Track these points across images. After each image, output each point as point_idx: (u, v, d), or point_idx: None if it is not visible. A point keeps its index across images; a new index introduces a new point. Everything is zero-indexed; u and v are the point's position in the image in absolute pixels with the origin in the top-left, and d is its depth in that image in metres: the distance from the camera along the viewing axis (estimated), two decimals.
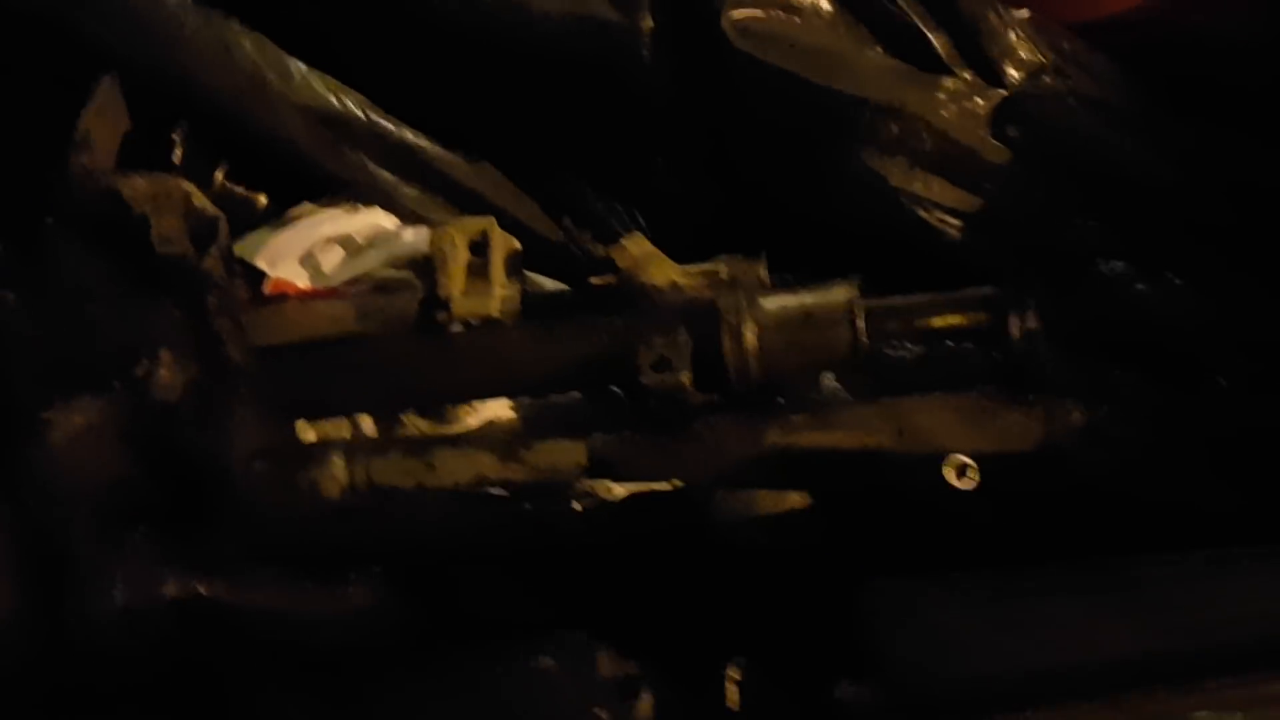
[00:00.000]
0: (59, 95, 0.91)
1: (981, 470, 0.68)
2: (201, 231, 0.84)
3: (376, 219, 0.91)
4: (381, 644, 0.75)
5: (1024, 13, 0.83)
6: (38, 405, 0.74)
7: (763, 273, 0.83)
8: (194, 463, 0.77)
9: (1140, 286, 0.78)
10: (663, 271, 0.83)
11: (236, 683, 0.73)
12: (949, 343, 0.80)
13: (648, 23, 0.81)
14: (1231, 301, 0.78)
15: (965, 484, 0.66)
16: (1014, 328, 0.72)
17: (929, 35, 0.81)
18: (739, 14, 0.80)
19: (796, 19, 0.80)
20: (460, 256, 0.83)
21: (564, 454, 0.75)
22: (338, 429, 0.86)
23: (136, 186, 0.83)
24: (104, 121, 0.90)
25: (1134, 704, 0.62)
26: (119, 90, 0.89)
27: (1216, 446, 0.72)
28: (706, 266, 0.84)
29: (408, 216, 0.91)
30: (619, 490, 0.83)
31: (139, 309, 0.80)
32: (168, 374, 0.77)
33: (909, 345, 0.83)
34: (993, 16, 0.81)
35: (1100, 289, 0.80)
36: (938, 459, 0.69)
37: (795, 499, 0.81)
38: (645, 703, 0.64)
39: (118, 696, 0.73)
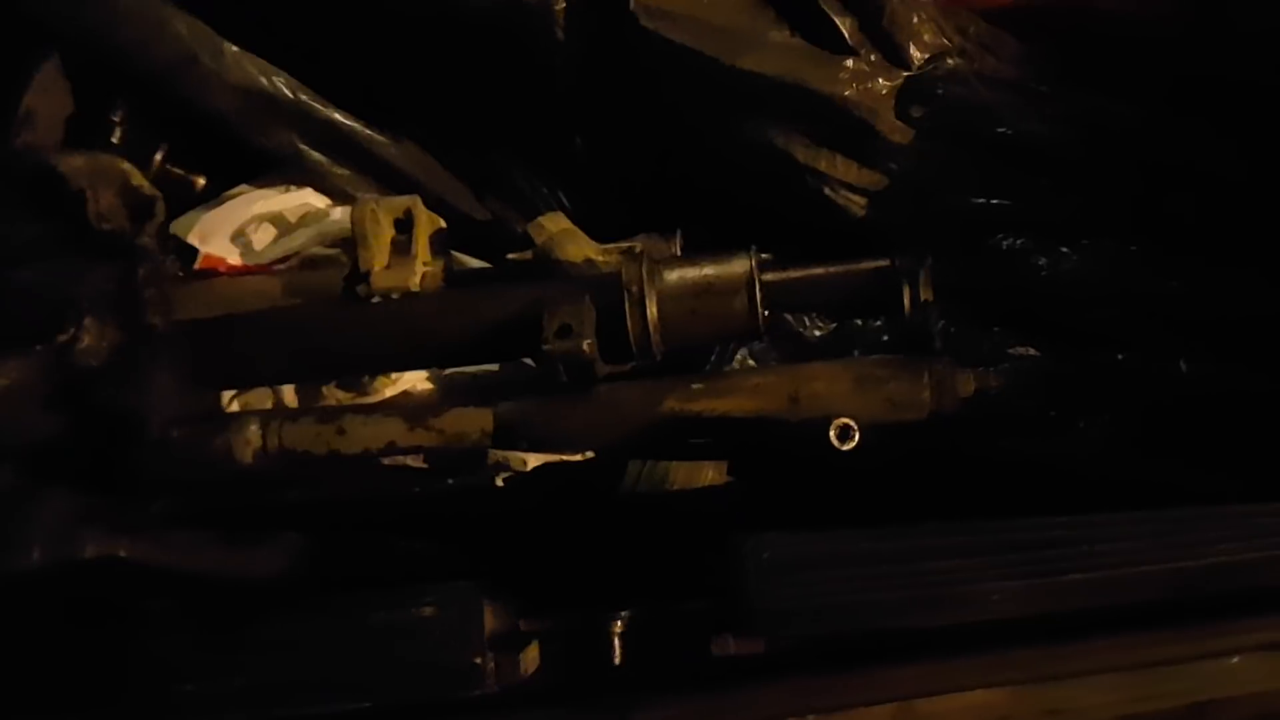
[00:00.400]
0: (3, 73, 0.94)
1: (870, 432, 0.70)
2: (139, 209, 0.87)
3: (307, 198, 0.94)
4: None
5: None
6: None
7: (677, 248, 0.85)
8: (114, 426, 0.79)
9: (1037, 257, 0.80)
10: (578, 248, 0.85)
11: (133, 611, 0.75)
12: (849, 312, 0.83)
13: (561, 3, 0.83)
14: (1123, 271, 0.79)
15: (848, 445, 0.68)
16: (906, 298, 0.74)
17: (834, 18, 0.83)
18: None
19: (704, 1, 0.83)
20: (384, 233, 0.85)
21: (470, 420, 0.76)
22: (260, 399, 0.89)
23: (74, 164, 0.85)
24: (46, 99, 0.93)
25: (1004, 663, 0.64)
26: (61, 70, 0.93)
27: (1105, 413, 0.74)
28: (624, 244, 0.86)
29: (338, 196, 0.94)
30: (531, 460, 0.85)
31: (68, 277, 0.82)
32: (91, 339, 0.79)
33: (810, 317, 0.86)
34: (896, 1, 0.83)
35: (998, 260, 0.81)
36: (824, 422, 0.70)
37: (705, 476, 0.83)
38: (530, 654, 0.65)
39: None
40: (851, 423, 0.68)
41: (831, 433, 0.68)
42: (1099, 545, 0.66)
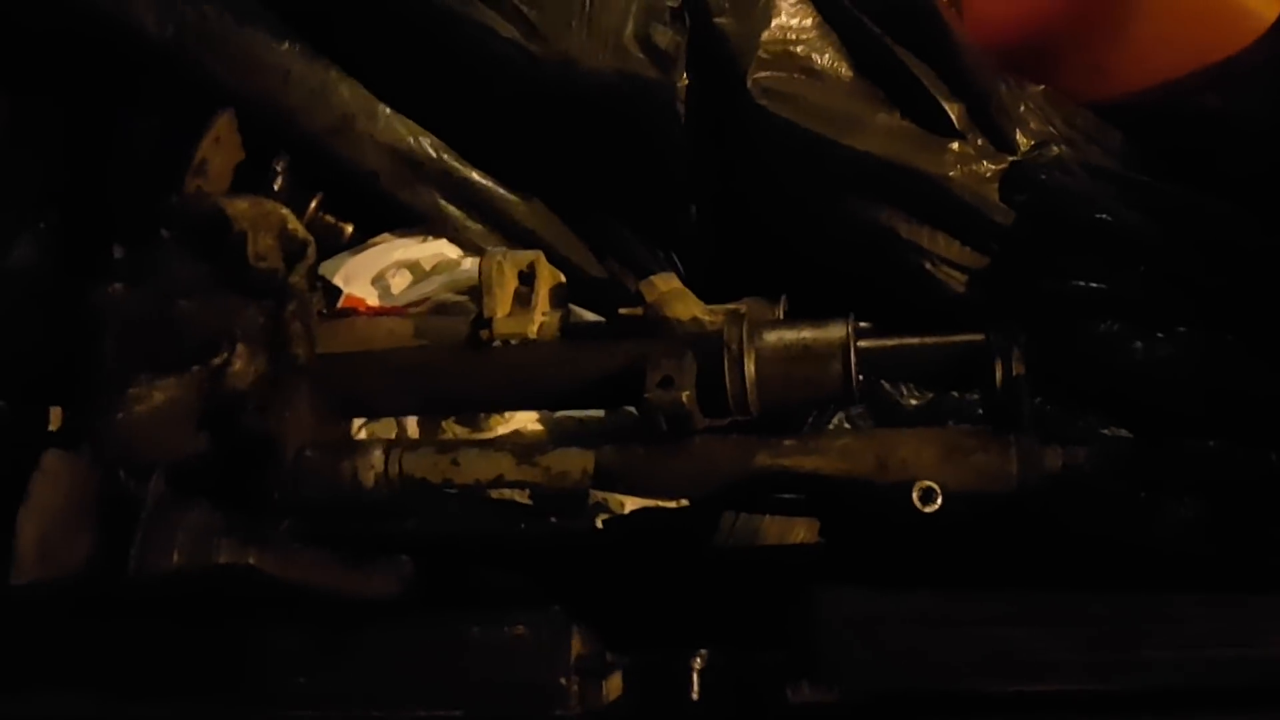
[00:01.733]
0: (179, 125, 1.04)
1: (954, 500, 0.72)
2: (293, 251, 0.95)
3: (442, 249, 1.01)
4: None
5: (1039, 87, 0.88)
6: (128, 381, 0.85)
7: (780, 313, 0.89)
8: (255, 446, 0.86)
9: (1131, 342, 0.82)
10: (686, 306, 0.90)
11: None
12: (941, 383, 0.85)
13: (683, 81, 0.89)
14: (1213, 357, 0.80)
15: (930, 507, 0.71)
16: (998, 372, 0.77)
17: (944, 104, 0.87)
18: (762, 75, 0.87)
19: (817, 82, 0.88)
20: (508, 283, 0.92)
21: (574, 461, 0.82)
22: (386, 429, 0.96)
23: (239, 207, 0.95)
24: (219, 149, 1.03)
25: None
26: (235, 124, 1.03)
27: (1189, 495, 0.75)
28: (730, 306, 0.91)
29: (470, 248, 1.01)
30: (629, 504, 0.90)
31: (225, 308, 0.91)
32: (241, 365, 0.87)
33: (907, 386, 0.89)
34: (1004, 90, 0.86)
35: (1093, 343, 0.83)
36: (908, 485, 0.73)
37: (797, 534, 0.86)
38: (613, 682, 0.69)
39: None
40: (934, 485, 0.71)
41: (914, 494, 0.71)
42: (1176, 625, 0.67)
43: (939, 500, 0.71)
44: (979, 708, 0.66)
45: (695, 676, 0.69)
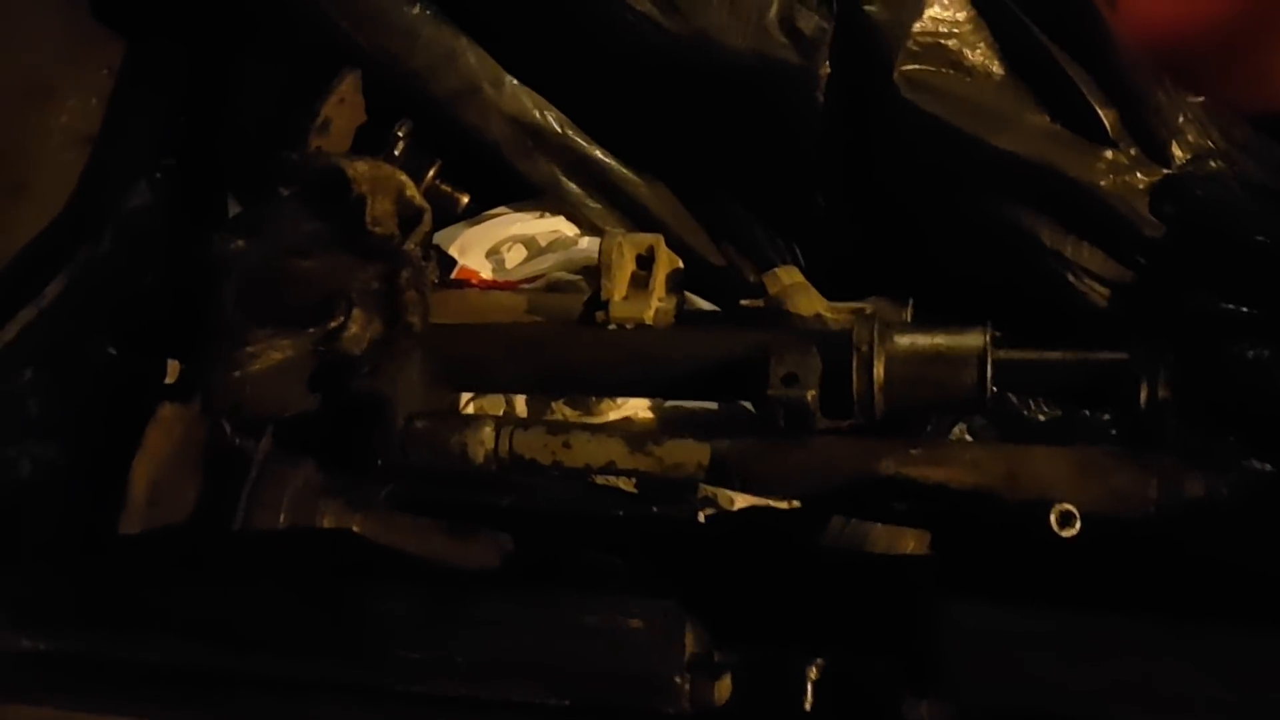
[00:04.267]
0: (302, 84, 1.04)
1: (1087, 522, 0.69)
2: (409, 218, 0.94)
3: (559, 225, 1.00)
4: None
5: (1197, 98, 0.84)
6: (245, 336, 0.85)
7: (908, 315, 0.86)
8: (365, 410, 0.86)
9: (1277, 368, 0.78)
10: (810, 302, 0.87)
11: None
12: (1076, 400, 0.82)
13: (825, 69, 0.86)
14: None
15: (1068, 532, 0.68)
16: (1143, 394, 0.74)
17: (1098, 109, 0.83)
18: (911, 67, 0.84)
19: (967, 77, 0.84)
20: (626, 265, 0.90)
21: (688, 452, 0.80)
22: (494, 405, 0.95)
23: (360, 170, 0.94)
24: (343, 110, 1.02)
25: None
26: (360, 86, 1.02)
27: None
28: (854, 304, 0.88)
29: (587, 227, 1.00)
30: (739, 500, 0.88)
31: (341, 270, 0.90)
32: (356, 329, 0.87)
33: (1036, 400, 0.85)
34: (1163, 97, 0.82)
35: (1241, 368, 0.79)
36: (1043, 505, 0.70)
37: (907, 543, 0.84)
38: (724, 683, 0.67)
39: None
40: (1073, 509, 0.68)
41: (1052, 517, 0.68)
42: None
43: (1078, 525, 0.68)
44: None
45: (809, 685, 0.68)
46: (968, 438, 0.87)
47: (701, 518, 0.86)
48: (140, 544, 0.80)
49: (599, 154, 0.97)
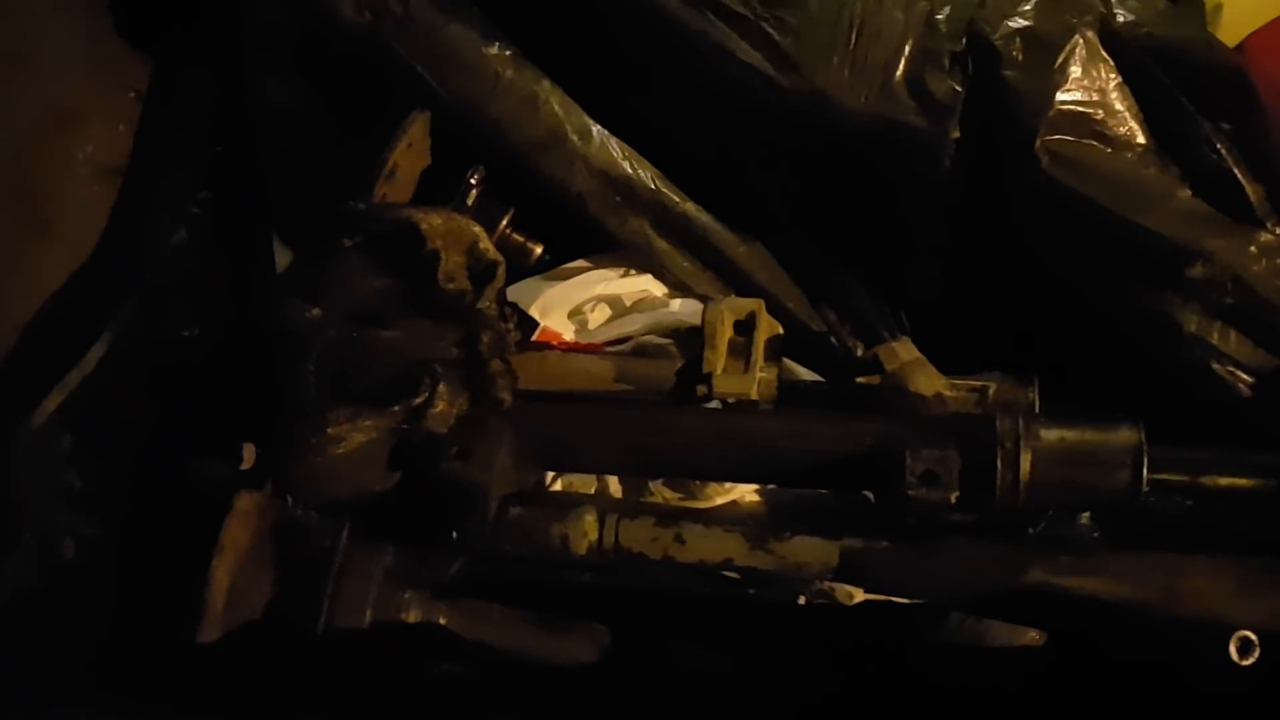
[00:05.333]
0: (360, 124, 0.97)
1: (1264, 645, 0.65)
2: (481, 272, 0.88)
3: (646, 285, 0.94)
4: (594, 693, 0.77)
5: None
6: (325, 416, 0.78)
7: (1034, 396, 0.81)
8: (454, 496, 0.79)
9: None
10: (929, 380, 0.82)
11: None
12: (1225, 503, 0.78)
13: (955, 133, 0.81)
14: None
15: (1247, 661, 0.63)
16: None
17: (1244, 184, 0.79)
18: (1053, 138, 0.79)
19: (1109, 150, 0.79)
20: (727, 333, 0.85)
21: (815, 551, 0.74)
22: (585, 484, 0.89)
23: (434, 223, 0.87)
24: (411, 157, 0.95)
25: None
26: (428, 129, 0.95)
27: None
28: (975, 381, 0.83)
29: (676, 286, 0.94)
30: (857, 596, 0.83)
31: (421, 340, 0.84)
32: (443, 406, 0.80)
33: (1179, 498, 0.81)
34: None
35: None
36: (1213, 626, 0.66)
37: (1027, 637, 0.79)
38: None
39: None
40: (1254, 637, 0.64)
41: (1231, 645, 0.64)
42: None
43: (1258, 653, 0.63)
44: None
45: None
46: (1088, 524, 0.82)
47: (822, 612, 0.81)
48: (219, 654, 0.73)
49: (691, 209, 0.91)
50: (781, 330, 0.86)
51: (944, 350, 0.85)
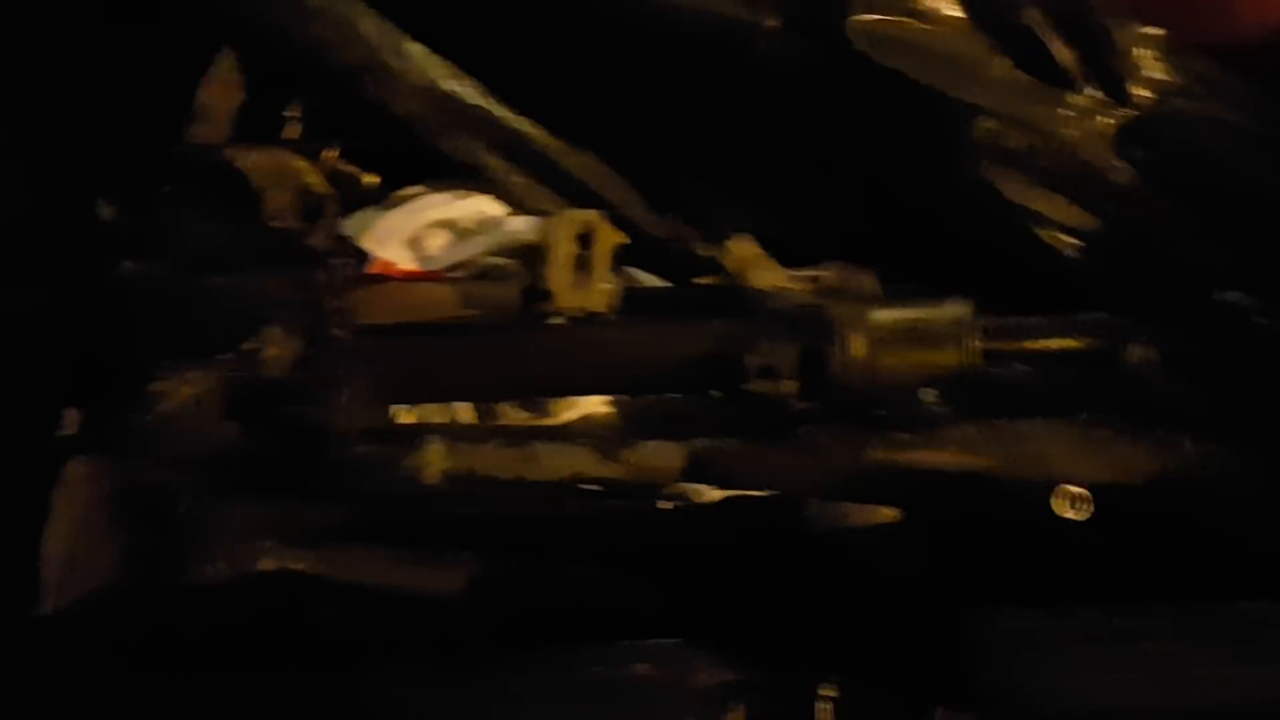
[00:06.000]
0: (175, 63, 0.92)
1: (1093, 498, 0.67)
2: (312, 208, 0.85)
3: (483, 205, 0.91)
4: (473, 626, 0.77)
5: (1157, 31, 0.80)
6: (149, 373, 0.75)
7: (873, 281, 0.82)
8: (297, 440, 0.78)
9: (1263, 317, 0.76)
10: (770, 275, 0.82)
11: (333, 650, 0.75)
12: (1057, 364, 0.79)
13: (772, 21, 0.80)
14: None
15: (1077, 516, 0.65)
16: (1132, 356, 0.71)
17: (1058, 50, 0.79)
18: (865, 18, 0.78)
19: (924, 26, 0.79)
20: (566, 248, 0.83)
21: (663, 456, 0.74)
22: (435, 413, 0.87)
23: (254, 161, 0.84)
24: (222, 94, 0.91)
25: None
26: (238, 65, 0.91)
27: None
28: (815, 272, 0.83)
29: (514, 204, 0.92)
30: (714, 494, 0.83)
31: (251, 283, 0.81)
32: (275, 350, 0.78)
33: (1017, 365, 0.82)
34: (1124, 34, 0.79)
35: (1221, 318, 0.77)
36: (1047, 485, 0.67)
37: (895, 516, 0.81)
38: (737, 714, 0.63)
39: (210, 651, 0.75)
40: (1084, 491, 0.65)
41: (1061, 501, 0.65)
42: None
43: (1088, 507, 0.65)
44: None
45: (830, 709, 0.64)
46: (941, 407, 0.83)
47: (678, 514, 0.81)
48: (60, 624, 0.71)
49: (524, 125, 0.88)
50: (624, 239, 0.85)
51: (791, 243, 0.85)
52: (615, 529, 0.78)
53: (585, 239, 0.85)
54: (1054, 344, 0.73)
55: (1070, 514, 0.65)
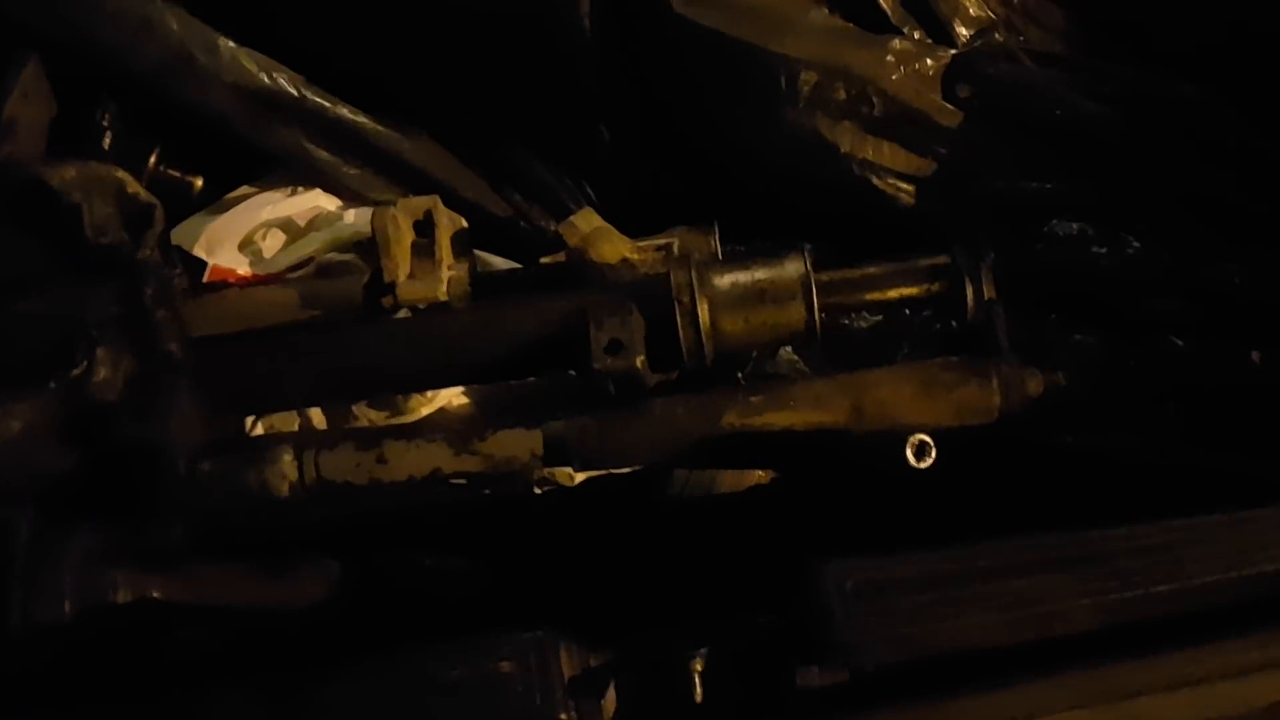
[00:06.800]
0: None
1: (941, 442, 0.67)
2: (137, 219, 0.81)
3: (317, 200, 0.88)
4: (336, 634, 0.75)
5: None
6: None
7: (715, 244, 0.81)
8: (138, 461, 0.74)
9: (1091, 242, 0.77)
10: (613, 247, 0.81)
11: (183, 671, 0.73)
12: (905, 311, 0.80)
13: None
14: (1185, 251, 0.77)
15: (924, 463, 0.66)
16: (969, 296, 0.72)
17: None
18: None
19: None
20: (404, 238, 0.81)
21: (518, 443, 0.73)
22: (286, 421, 0.85)
23: (66, 175, 0.80)
24: (29, 106, 0.86)
25: (1091, 681, 0.63)
26: (43, 73, 0.86)
27: (1173, 401, 0.72)
28: (659, 240, 0.82)
29: (349, 196, 0.89)
30: (578, 476, 0.82)
31: (72, 302, 0.77)
32: (105, 372, 0.74)
33: (865, 315, 0.83)
34: None
35: (1056, 247, 0.79)
36: (896, 435, 0.68)
37: (753, 477, 0.81)
38: (609, 699, 0.63)
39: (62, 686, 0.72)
40: (929, 439, 0.66)
41: (908, 450, 0.66)
42: (1180, 552, 0.65)
43: (934, 454, 0.65)
44: (998, 668, 0.63)
45: (695, 677, 0.64)
46: (794, 358, 0.83)
47: (545, 499, 0.80)
48: None
49: (345, 112, 0.85)
50: (465, 223, 0.83)
51: (637, 213, 0.84)
52: (469, 522, 0.77)
53: (425, 226, 0.83)
54: (894, 293, 0.73)
55: (918, 463, 0.66)
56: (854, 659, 0.62)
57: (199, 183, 0.90)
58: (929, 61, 0.79)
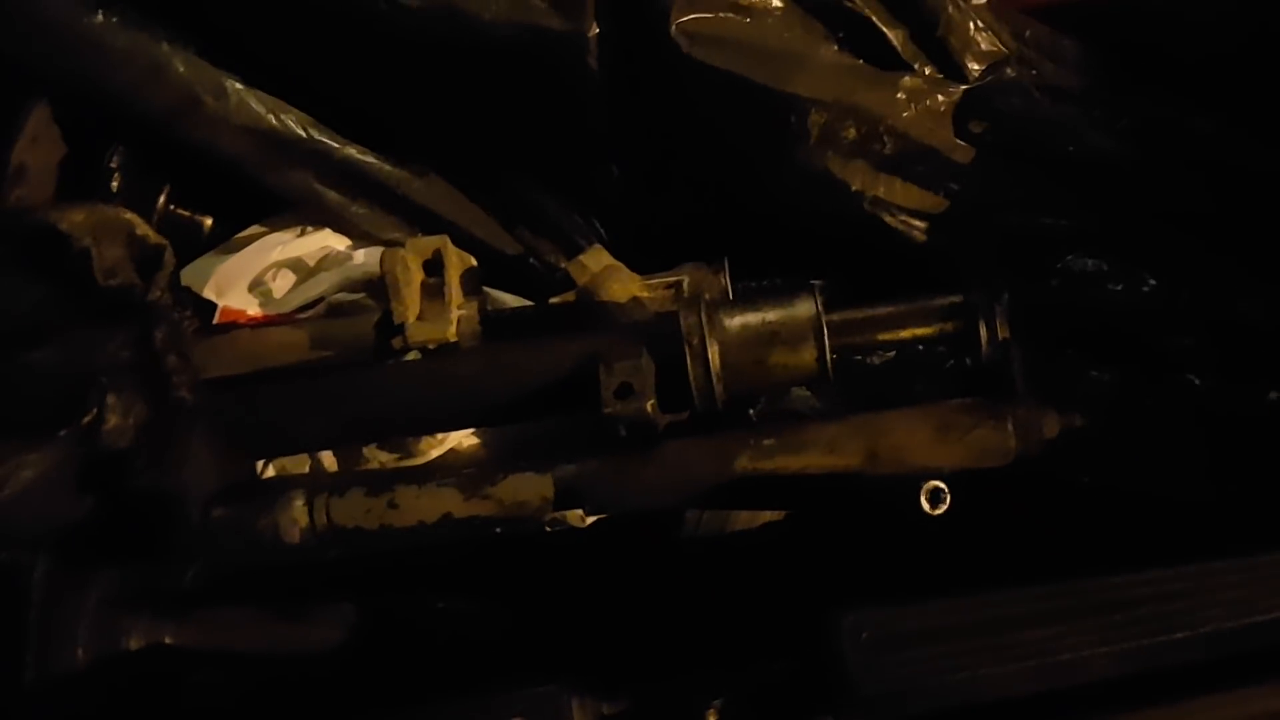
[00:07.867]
0: None
1: (956, 486, 0.67)
2: (146, 261, 0.82)
3: (326, 240, 0.88)
4: (350, 678, 0.75)
5: (982, 0, 0.79)
6: None
7: (725, 281, 0.81)
8: (151, 509, 0.74)
9: (1107, 278, 0.76)
10: (623, 286, 0.80)
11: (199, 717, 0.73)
12: (919, 349, 0.79)
13: (593, 29, 0.77)
14: (1203, 286, 0.76)
15: (939, 510, 0.65)
16: (983, 337, 0.71)
17: (886, 31, 0.78)
18: (687, 18, 0.76)
19: (747, 19, 0.77)
20: (414, 278, 0.81)
21: (529, 487, 0.73)
22: (298, 462, 0.84)
23: (75, 219, 0.80)
24: (38, 150, 0.87)
25: None
26: (51, 119, 0.86)
27: (1191, 438, 0.71)
28: (668, 278, 0.82)
29: (359, 236, 0.89)
30: (589, 519, 0.81)
31: (83, 350, 0.77)
32: (116, 419, 0.74)
33: (879, 353, 0.82)
34: (951, 8, 0.77)
35: (1071, 283, 0.78)
36: (910, 479, 0.67)
37: (766, 518, 0.80)
38: None
39: None
40: (943, 486, 0.65)
41: (923, 497, 0.65)
42: (1197, 599, 0.64)
43: (948, 500, 0.65)
44: (1018, 716, 0.62)
45: None
46: (807, 394, 0.83)
47: (556, 540, 0.80)
48: None
49: (354, 152, 0.85)
50: (475, 262, 0.83)
51: (647, 248, 0.84)
52: (482, 562, 0.77)
53: (434, 265, 0.83)
54: (906, 333, 0.73)
55: (932, 510, 0.65)
56: (872, 711, 0.61)
57: (209, 222, 0.90)
58: (940, 98, 0.78)
